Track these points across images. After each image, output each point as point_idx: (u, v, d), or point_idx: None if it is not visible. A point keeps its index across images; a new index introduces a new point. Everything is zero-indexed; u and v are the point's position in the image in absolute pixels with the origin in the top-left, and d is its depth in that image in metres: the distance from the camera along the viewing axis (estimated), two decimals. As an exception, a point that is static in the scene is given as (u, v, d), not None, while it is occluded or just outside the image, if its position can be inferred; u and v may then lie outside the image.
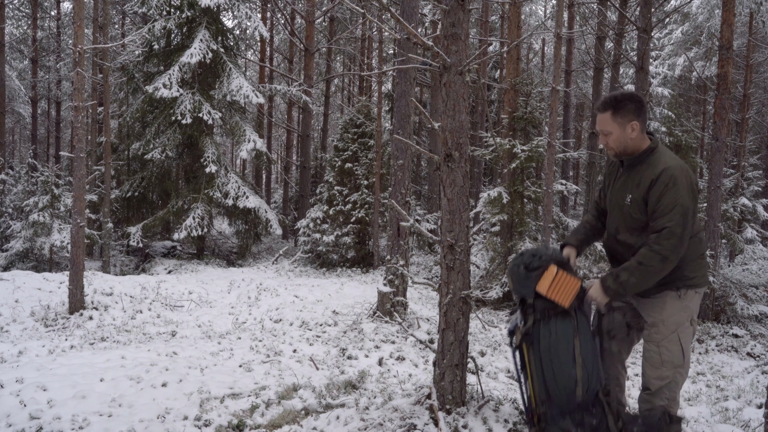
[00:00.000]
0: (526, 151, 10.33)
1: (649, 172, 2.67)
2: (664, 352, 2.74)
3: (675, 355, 2.73)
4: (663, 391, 2.76)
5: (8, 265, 13.36)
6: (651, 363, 2.78)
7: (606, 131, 2.77)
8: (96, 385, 4.25)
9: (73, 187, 7.76)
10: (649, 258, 2.61)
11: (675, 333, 2.74)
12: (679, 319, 2.75)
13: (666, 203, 2.59)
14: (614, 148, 2.78)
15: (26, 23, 23.50)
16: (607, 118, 2.75)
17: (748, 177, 12.17)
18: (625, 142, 2.75)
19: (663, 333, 2.76)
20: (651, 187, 2.64)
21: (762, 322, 9.50)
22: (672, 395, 2.78)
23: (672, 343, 2.74)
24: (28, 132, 27.91)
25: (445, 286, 3.16)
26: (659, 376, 2.76)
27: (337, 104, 26.30)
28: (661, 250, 2.58)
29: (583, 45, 19.21)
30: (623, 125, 2.73)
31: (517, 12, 11.05)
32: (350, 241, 14.12)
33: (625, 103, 2.72)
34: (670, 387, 2.77)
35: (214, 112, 13.84)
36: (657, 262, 2.60)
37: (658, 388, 2.76)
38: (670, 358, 2.74)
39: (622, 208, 2.79)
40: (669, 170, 2.62)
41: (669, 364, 2.74)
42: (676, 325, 2.74)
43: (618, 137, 2.75)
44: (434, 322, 7.87)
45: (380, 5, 3.10)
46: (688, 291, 2.75)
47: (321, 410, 3.82)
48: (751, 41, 15.95)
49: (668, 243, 2.57)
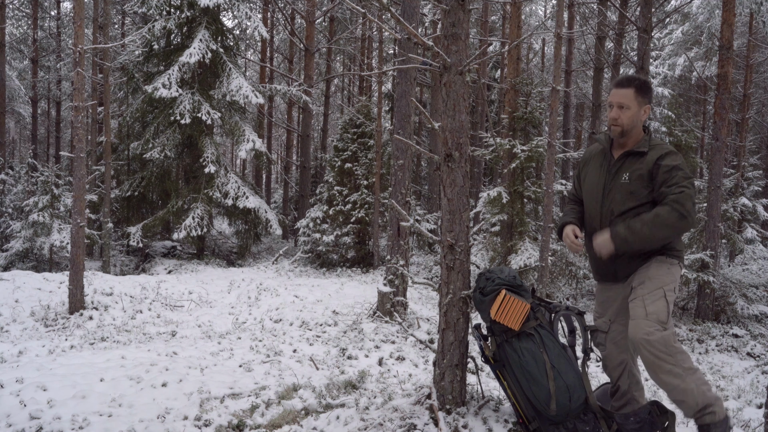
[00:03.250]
0: (526, 151, 10.32)
1: (654, 152, 2.79)
2: (649, 305, 2.68)
3: (660, 309, 2.67)
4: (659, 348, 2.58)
5: (8, 265, 13.36)
6: (637, 316, 2.69)
7: (625, 105, 2.82)
8: (96, 385, 4.25)
9: (73, 187, 7.76)
10: (667, 212, 2.65)
11: (661, 290, 2.72)
12: (666, 279, 2.75)
13: (681, 174, 2.70)
14: (624, 125, 2.84)
15: (26, 23, 23.50)
16: (629, 94, 2.82)
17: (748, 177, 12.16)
18: (636, 122, 2.84)
19: (649, 287, 2.74)
20: (660, 159, 2.75)
21: (762, 322, 9.49)
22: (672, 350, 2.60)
23: (657, 297, 2.70)
24: (28, 132, 27.90)
25: (445, 286, 3.16)
26: (645, 328, 2.62)
27: (337, 104, 26.30)
28: (681, 209, 2.63)
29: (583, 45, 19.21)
30: (641, 105, 2.83)
31: (517, 12, 11.05)
32: (350, 241, 14.12)
33: (648, 87, 2.86)
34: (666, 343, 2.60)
35: (213, 112, 13.84)
36: (675, 219, 2.63)
37: (647, 342, 2.59)
38: (654, 311, 2.66)
39: (620, 188, 2.83)
40: (675, 153, 2.79)
41: (654, 317, 2.65)
42: (662, 283, 2.74)
43: (633, 115, 2.82)
44: (434, 322, 7.87)
45: (380, 5, 3.10)
46: (674, 261, 2.80)
47: (321, 410, 3.82)
48: (751, 41, 15.95)
49: (688, 204, 2.63)
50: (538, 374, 2.78)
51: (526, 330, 2.86)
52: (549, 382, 2.76)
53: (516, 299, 2.84)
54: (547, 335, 2.85)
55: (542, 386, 2.77)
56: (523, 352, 2.83)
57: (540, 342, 2.83)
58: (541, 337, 2.84)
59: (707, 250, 9.19)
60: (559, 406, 2.76)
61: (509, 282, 2.93)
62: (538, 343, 2.83)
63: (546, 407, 2.78)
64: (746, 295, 9.57)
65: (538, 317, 2.89)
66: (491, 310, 2.84)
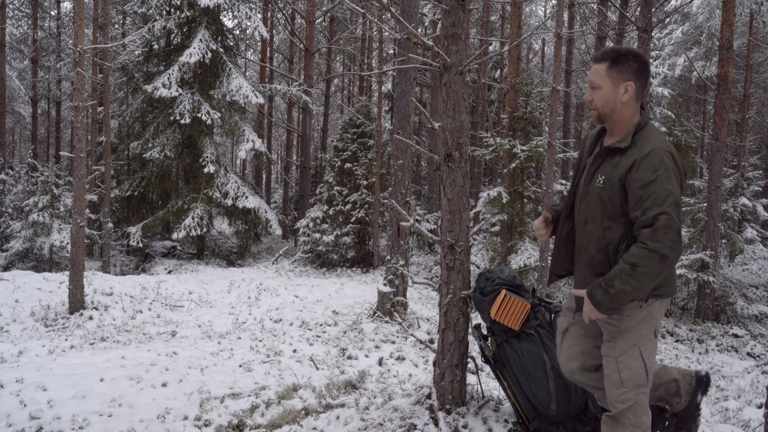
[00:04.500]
0: (526, 151, 10.33)
1: (634, 151, 2.22)
2: (624, 370, 2.33)
3: (636, 373, 2.33)
4: (626, 416, 2.35)
5: (8, 265, 13.36)
6: (610, 381, 2.37)
7: (596, 84, 2.30)
8: (96, 385, 4.25)
9: (73, 187, 7.76)
10: (644, 258, 2.13)
11: (636, 347, 2.33)
12: (640, 332, 2.33)
13: (657, 191, 2.12)
14: (599, 108, 2.31)
15: (26, 23, 23.50)
16: (600, 70, 2.29)
17: (748, 177, 12.16)
18: (614, 103, 2.28)
19: (622, 347, 2.34)
20: (633, 168, 2.18)
21: (762, 322, 9.50)
22: (639, 422, 2.36)
23: (632, 359, 2.33)
24: (28, 132, 27.90)
25: (445, 286, 3.16)
26: (620, 398, 2.35)
27: (337, 104, 26.30)
28: (659, 248, 2.10)
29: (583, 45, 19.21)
30: (617, 82, 2.26)
31: (518, 12, 11.05)
32: (350, 241, 14.12)
33: (627, 58, 2.26)
34: (636, 412, 2.35)
35: (213, 112, 13.84)
36: (655, 263, 2.12)
37: (619, 412, 2.36)
38: (630, 377, 2.33)
39: (595, 191, 2.31)
40: (658, 152, 2.17)
41: (630, 383, 2.33)
42: (638, 338, 2.33)
43: (606, 94, 2.28)
44: (434, 322, 7.87)
45: (380, 5, 3.10)
46: (654, 301, 2.32)
47: (321, 410, 3.82)
48: (751, 41, 15.95)
49: (667, 238, 2.10)
50: (538, 374, 2.78)
51: (527, 330, 2.86)
52: (549, 382, 2.77)
53: (516, 299, 2.84)
54: (548, 335, 2.85)
55: (542, 386, 2.77)
56: (523, 352, 2.83)
57: (540, 342, 2.83)
58: (541, 337, 2.84)
59: (707, 250, 9.19)
60: (559, 407, 2.76)
61: (509, 282, 2.93)
62: (538, 344, 2.83)
63: (546, 407, 2.79)
64: (746, 295, 9.57)
65: (539, 317, 2.89)
66: (491, 310, 2.84)
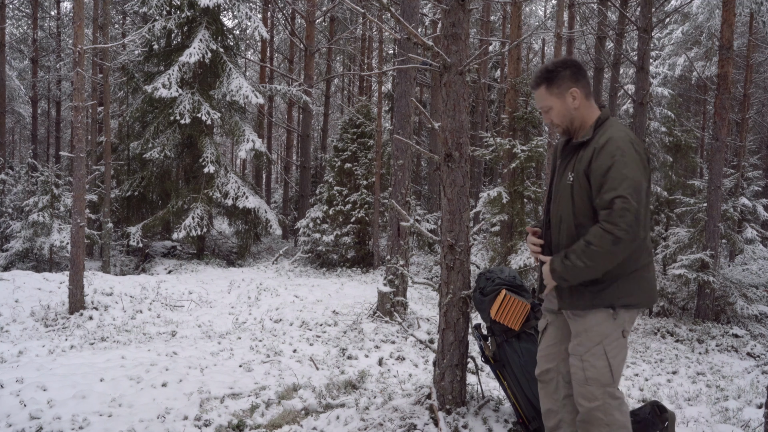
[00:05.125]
0: (526, 151, 10.33)
1: (593, 142, 2.30)
2: (588, 368, 2.31)
3: (601, 372, 2.30)
4: (596, 416, 2.31)
5: (8, 265, 13.36)
6: (576, 379, 2.37)
7: (546, 107, 2.44)
8: (96, 385, 4.25)
9: (73, 187, 7.76)
10: (598, 238, 2.15)
11: (600, 345, 2.31)
12: (605, 330, 2.31)
13: (614, 175, 2.17)
14: (560, 124, 2.42)
15: (26, 23, 23.50)
16: (542, 94, 2.42)
17: (748, 177, 12.15)
18: (569, 114, 2.40)
19: (586, 345, 2.33)
20: (593, 158, 2.25)
21: (762, 322, 9.49)
22: (611, 420, 2.30)
23: (596, 357, 2.31)
24: (28, 132, 27.90)
25: (445, 286, 3.16)
26: (586, 396, 2.33)
27: (337, 104, 26.30)
28: (613, 229, 2.12)
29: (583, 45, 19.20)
30: (562, 96, 2.38)
31: (517, 12, 11.05)
32: (350, 241, 14.12)
33: (558, 72, 2.39)
34: (606, 410, 2.30)
35: (213, 112, 13.84)
36: (608, 244, 2.13)
37: (588, 411, 2.33)
38: (594, 375, 2.30)
39: (566, 188, 2.37)
40: (614, 140, 2.24)
41: (595, 383, 2.31)
42: (602, 337, 2.31)
43: (559, 110, 2.40)
44: (434, 322, 7.87)
45: (380, 5, 3.10)
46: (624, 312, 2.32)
47: (321, 410, 3.82)
48: (751, 41, 15.95)
49: (622, 220, 2.11)
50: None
51: (527, 330, 2.86)
52: None
53: (516, 299, 2.83)
54: None
55: None
56: (523, 352, 2.83)
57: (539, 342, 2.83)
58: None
59: (707, 250, 9.18)
60: None
61: (509, 282, 2.93)
62: (536, 344, 2.82)
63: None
64: (746, 295, 9.56)
65: (539, 317, 2.89)
66: (491, 310, 2.84)
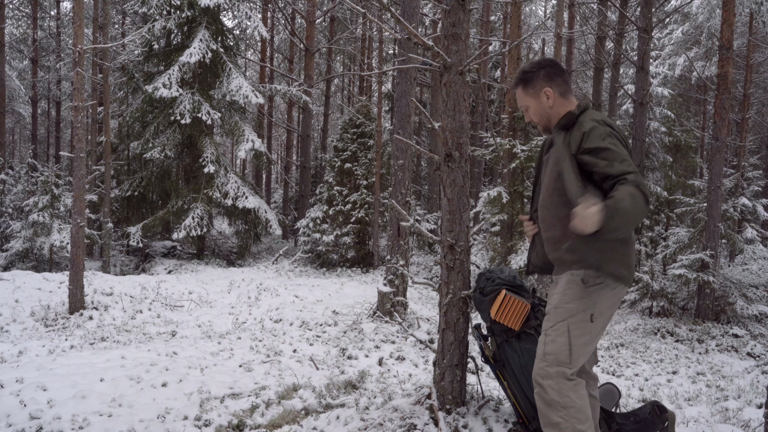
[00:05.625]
0: (526, 151, 10.32)
1: (578, 128, 2.34)
2: (549, 343, 2.30)
3: (559, 347, 2.26)
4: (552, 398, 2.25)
5: (8, 265, 13.36)
6: (537, 354, 2.37)
7: (524, 106, 2.57)
8: (96, 385, 4.25)
9: (73, 187, 7.76)
10: (634, 192, 2.08)
11: (565, 322, 2.28)
12: (573, 308, 2.28)
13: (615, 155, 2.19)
14: (538, 122, 2.56)
15: (26, 23, 23.50)
16: (520, 94, 2.56)
17: (748, 177, 12.14)
18: (545, 112, 2.51)
19: (552, 320, 2.32)
20: (583, 140, 2.28)
21: (762, 322, 9.49)
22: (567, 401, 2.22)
23: (558, 332, 2.28)
24: (28, 132, 27.90)
25: (445, 286, 3.16)
26: (540, 372, 2.30)
27: (337, 104, 26.30)
28: (641, 190, 2.08)
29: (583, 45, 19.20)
30: (537, 95, 2.50)
31: (517, 12, 11.05)
32: (350, 241, 14.12)
33: (533, 72, 2.50)
34: (561, 392, 2.23)
35: (213, 112, 13.84)
36: (641, 201, 2.08)
37: (541, 392, 2.29)
38: (553, 350, 2.27)
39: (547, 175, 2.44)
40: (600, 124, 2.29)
41: (551, 358, 2.27)
42: (568, 314, 2.28)
43: (536, 109, 2.53)
44: (434, 322, 7.87)
45: (381, 5, 3.10)
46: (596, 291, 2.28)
47: (321, 410, 3.82)
48: (751, 41, 15.96)
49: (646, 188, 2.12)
50: None
51: (527, 330, 2.86)
52: None
53: (516, 299, 2.83)
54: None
55: None
56: (523, 352, 2.83)
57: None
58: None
59: (707, 250, 9.18)
60: None
61: (509, 282, 2.93)
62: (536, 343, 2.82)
63: None
64: (746, 295, 9.56)
65: (539, 317, 2.89)
66: (491, 310, 2.84)
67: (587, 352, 2.33)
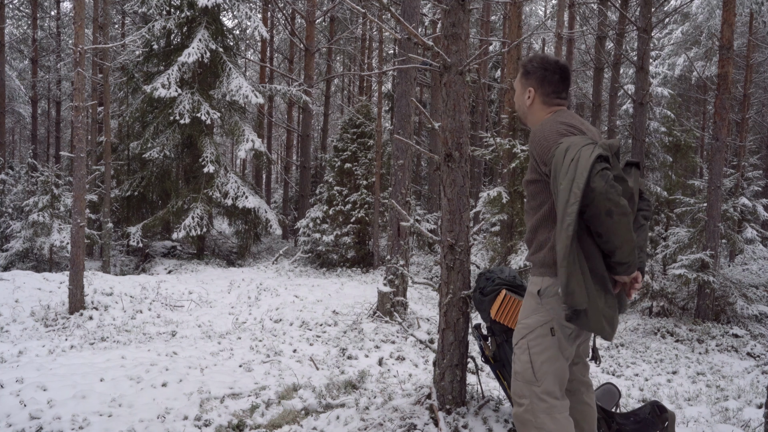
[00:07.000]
0: (526, 151, 10.32)
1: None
2: (515, 360, 2.28)
3: (523, 366, 2.22)
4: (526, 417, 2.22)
5: (8, 265, 13.36)
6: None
7: (514, 88, 2.58)
8: (96, 385, 4.25)
9: (73, 187, 7.76)
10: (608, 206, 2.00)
11: (525, 339, 2.23)
12: (530, 323, 2.23)
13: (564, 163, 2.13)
14: (515, 110, 2.65)
15: (26, 23, 23.51)
16: (517, 77, 2.55)
17: (748, 177, 12.15)
18: (522, 107, 2.50)
19: (516, 337, 2.30)
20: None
21: (762, 322, 9.49)
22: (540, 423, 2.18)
23: (521, 350, 2.24)
24: (28, 132, 27.90)
25: (445, 286, 3.16)
26: (515, 391, 2.28)
27: (337, 104, 26.30)
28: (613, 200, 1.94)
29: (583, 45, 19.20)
30: (523, 88, 2.48)
31: (517, 12, 11.05)
32: (350, 241, 14.12)
33: (534, 68, 2.45)
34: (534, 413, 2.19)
35: (212, 112, 13.84)
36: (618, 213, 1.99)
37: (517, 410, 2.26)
38: (518, 369, 2.26)
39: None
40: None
41: (519, 377, 2.25)
42: (526, 330, 2.23)
43: (516, 98, 2.52)
44: (434, 322, 7.87)
45: (381, 5, 3.10)
46: (550, 302, 2.19)
47: (321, 410, 3.82)
48: (751, 41, 15.96)
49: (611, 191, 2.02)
50: None
51: None
52: None
53: (516, 299, 2.83)
54: None
55: None
56: None
57: None
58: None
59: (707, 250, 9.18)
60: None
61: (509, 282, 2.92)
62: None
63: None
64: (746, 295, 9.56)
65: None
66: (491, 310, 2.84)
67: (557, 368, 2.21)
